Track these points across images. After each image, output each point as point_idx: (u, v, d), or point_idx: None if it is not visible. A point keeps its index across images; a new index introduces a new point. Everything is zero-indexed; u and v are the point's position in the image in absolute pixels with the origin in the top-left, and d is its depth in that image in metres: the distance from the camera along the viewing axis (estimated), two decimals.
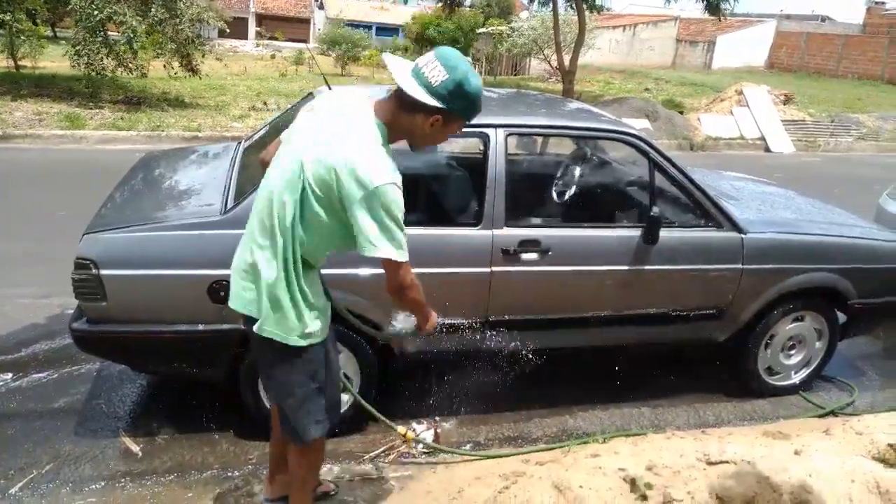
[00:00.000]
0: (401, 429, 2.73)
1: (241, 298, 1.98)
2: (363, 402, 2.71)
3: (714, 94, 14.69)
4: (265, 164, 2.04)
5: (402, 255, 1.85)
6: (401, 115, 1.79)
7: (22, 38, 11.94)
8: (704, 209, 3.15)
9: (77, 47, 9.83)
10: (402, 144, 1.92)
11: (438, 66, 1.72)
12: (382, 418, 2.73)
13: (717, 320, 3.27)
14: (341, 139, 1.75)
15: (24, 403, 3.10)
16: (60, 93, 10.82)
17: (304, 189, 1.78)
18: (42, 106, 9.81)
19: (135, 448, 2.80)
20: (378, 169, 1.72)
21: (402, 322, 2.13)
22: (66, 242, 2.92)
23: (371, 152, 1.74)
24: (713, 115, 12.59)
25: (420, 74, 1.73)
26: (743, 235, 3.16)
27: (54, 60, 13.86)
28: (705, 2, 13.28)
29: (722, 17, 14.02)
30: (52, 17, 17.84)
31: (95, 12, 9.39)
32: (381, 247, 1.79)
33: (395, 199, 1.77)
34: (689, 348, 3.62)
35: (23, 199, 6.10)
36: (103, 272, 2.51)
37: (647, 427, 3.22)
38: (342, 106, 1.85)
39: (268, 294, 1.88)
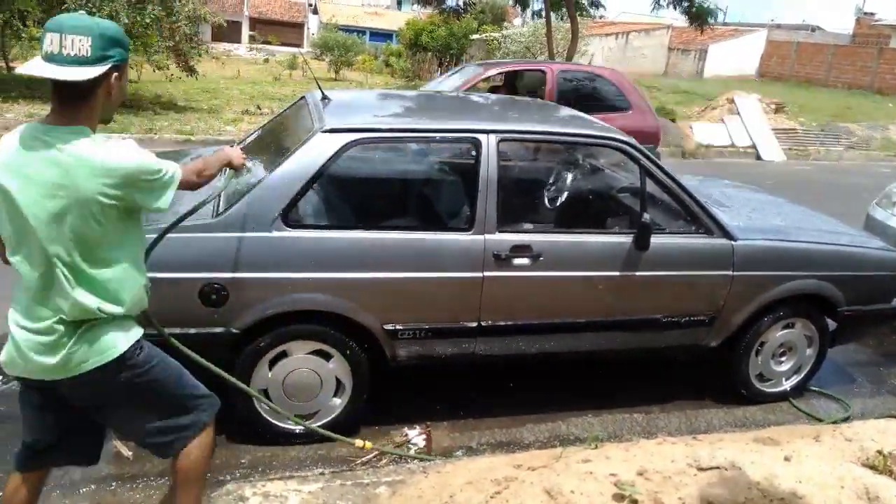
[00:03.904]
0: (358, 442, 2.76)
1: None
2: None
3: (706, 103, 14.80)
4: None
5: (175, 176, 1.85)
6: (87, 105, 1.71)
7: (13, 39, 11.90)
8: (695, 216, 3.16)
9: None
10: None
11: (73, 38, 1.64)
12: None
13: (708, 326, 3.29)
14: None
15: (12, 407, 3.06)
16: None
17: None
18: (34, 107, 9.77)
19: (126, 451, 2.78)
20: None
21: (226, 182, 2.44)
22: None
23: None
24: (705, 123, 12.68)
25: (62, 58, 1.63)
26: (733, 242, 3.18)
27: None
28: (688, 14, 13.38)
29: (707, 29, 14.11)
30: (44, 18, 17.76)
31: (93, 11, 9.34)
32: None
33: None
34: (680, 354, 3.63)
35: None
36: None
37: (638, 432, 3.24)
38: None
39: None
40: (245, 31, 37.77)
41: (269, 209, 2.65)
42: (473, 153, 2.95)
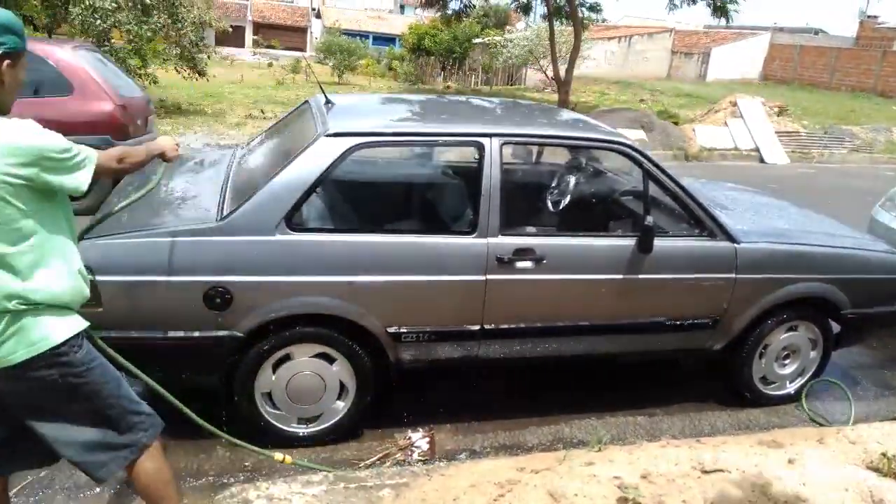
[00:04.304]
0: (278, 455, 2.65)
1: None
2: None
3: (709, 106, 14.79)
4: None
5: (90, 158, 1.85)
6: None
7: None
8: (698, 219, 3.17)
9: None
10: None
11: None
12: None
13: (712, 330, 3.29)
14: None
15: None
16: None
17: None
18: None
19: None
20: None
21: (153, 171, 2.43)
22: None
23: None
24: (708, 126, 12.66)
25: None
26: (736, 245, 3.18)
27: None
28: (712, 7, 13.38)
29: (728, 19, 14.07)
30: (49, 24, 17.86)
31: (98, 22, 9.41)
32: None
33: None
34: (683, 357, 3.63)
35: None
36: (99, 278, 2.51)
37: (642, 435, 3.24)
38: None
39: None
40: (248, 36, 37.90)
41: (272, 213, 2.66)
42: (476, 157, 2.96)
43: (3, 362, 1.74)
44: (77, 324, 1.87)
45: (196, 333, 2.65)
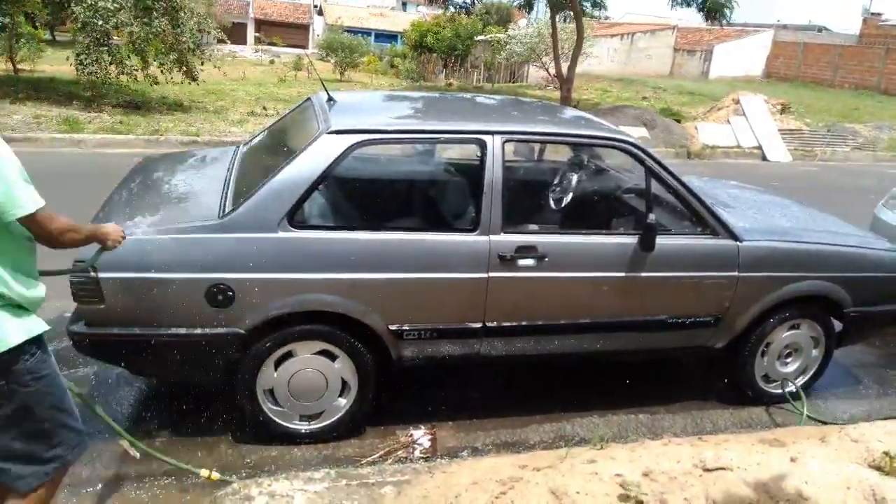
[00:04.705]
0: (203, 471, 2.57)
1: None
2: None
3: (711, 103, 14.76)
4: None
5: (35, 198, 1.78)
6: None
7: (21, 41, 12.00)
8: (700, 217, 3.16)
9: (81, 56, 9.88)
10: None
11: None
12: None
13: (714, 328, 3.28)
14: None
15: None
16: (59, 96, 10.82)
17: None
18: (41, 109, 9.82)
19: (133, 452, 2.79)
20: None
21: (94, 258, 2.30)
22: None
23: None
24: (710, 123, 12.64)
25: None
26: (739, 243, 3.17)
27: (53, 64, 13.88)
28: (703, 11, 13.38)
29: (721, 23, 14.09)
30: (51, 21, 17.90)
31: (100, 22, 9.42)
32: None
33: None
34: (685, 355, 3.63)
35: None
36: (101, 275, 2.52)
37: (644, 433, 3.24)
38: None
39: None
40: (250, 33, 37.86)
41: (275, 210, 2.66)
42: (478, 154, 2.96)
43: None
44: (37, 326, 1.83)
45: (198, 330, 2.65)
